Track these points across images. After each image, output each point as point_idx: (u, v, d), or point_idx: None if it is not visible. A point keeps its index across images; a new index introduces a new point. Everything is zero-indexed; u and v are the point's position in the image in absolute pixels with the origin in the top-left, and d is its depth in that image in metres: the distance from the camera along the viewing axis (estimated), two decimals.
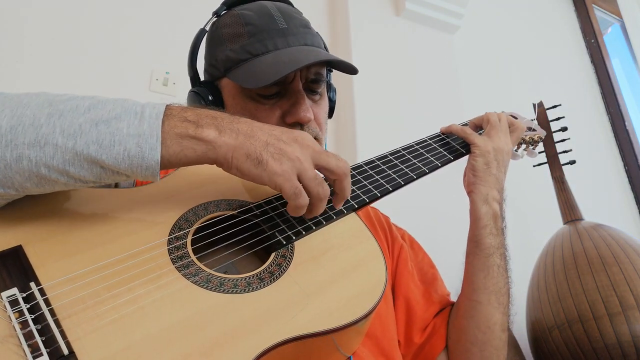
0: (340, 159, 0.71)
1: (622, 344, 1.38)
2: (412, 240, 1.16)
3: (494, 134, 1.02)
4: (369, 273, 0.73)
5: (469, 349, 0.95)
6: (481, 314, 0.95)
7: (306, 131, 0.88)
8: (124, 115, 0.61)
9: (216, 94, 0.92)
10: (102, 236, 0.66)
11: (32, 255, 0.62)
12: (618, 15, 3.15)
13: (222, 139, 0.64)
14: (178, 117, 0.64)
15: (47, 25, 1.59)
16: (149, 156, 0.61)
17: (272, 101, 0.89)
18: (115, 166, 0.60)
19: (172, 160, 0.63)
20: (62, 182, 0.61)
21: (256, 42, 0.88)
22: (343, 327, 0.65)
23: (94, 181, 0.63)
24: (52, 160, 0.59)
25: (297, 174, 0.66)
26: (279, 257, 0.72)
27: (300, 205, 0.67)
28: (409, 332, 1.00)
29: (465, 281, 1.00)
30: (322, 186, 0.68)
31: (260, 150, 0.65)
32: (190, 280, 0.64)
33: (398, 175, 0.91)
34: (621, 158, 2.75)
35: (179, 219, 0.72)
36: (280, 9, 0.93)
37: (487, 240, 0.96)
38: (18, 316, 0.55)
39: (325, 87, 0.98)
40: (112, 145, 0.60)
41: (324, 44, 0.99)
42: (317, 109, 0.93)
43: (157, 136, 0.61)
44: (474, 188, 0.98)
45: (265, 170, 0.64)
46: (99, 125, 0.60)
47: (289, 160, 0.66)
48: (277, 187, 0.66)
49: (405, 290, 1.03)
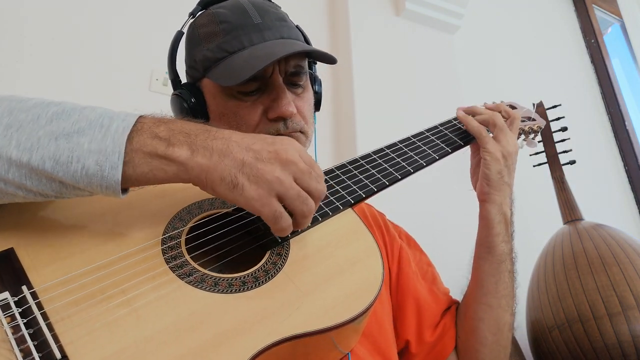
0: (320, 182, 0.67)
1: (622, 344, 1.37)
2: (409, 238, 1.16)
3: (502, 138, 1.00)
4: (366, 270, 0.73)
5: (479, 349, 0.97)
6: (492, 317, 0.97)
7: (290, 125, 0.87)
8: (88, 129, 0.58)
9: (198, 95, 0.91)
10: (94, 238, 0.66)
11: (24, 258, 0.61)
12: (618, 15, 3.14)
13: (194, 160, 0.60)
14: (148, 133, 0.60)
15: (47, 25, 1.59)
16: (108, 175, 0.58)
17: (253, 97, 0.88)
18: (73, 183, 0.58)
19: (141, 179, 0.60)
20: (21, 195, 0.59)
21: (232, 39, 0.87)
22: (339, 325, 0.64)
23: (55, 196, 0.60)
24: (7, 174, 0.57)
25: (277, 195, 0.62)
26: (274, 255, 0.71)
27: (282, 228, 0.63)
28: (420, 331, 1.00)
29: (475, 284, 1.00)
30: (305, 204, 0.64)
31: (235, 173, 0.61)
32: (184, 281, 0.64)
33: (395, 169, 0.89)
34: (621, 158, 2.75)
35: (173, 218, 0.72)
36: (255, 4, 0.91)
37: (499, 247, 0.98)
38: (10, 320, 0.54)
39: (309, 80, 0.96)
40: (69, 162, 0.57)
41: (304, 36, 0.97)
42: (300, 102, 0.91)
43: (119, 153, 0.58)
44: (488, 197, 0.98)
45: (241, 195, 0.61)
46: (59, 139, 0.57)
47: (266, 182, 0.61)
48: (255, 212, 0.63)
49: (414, 291, 1.03)
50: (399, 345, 0.99)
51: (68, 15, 1.64)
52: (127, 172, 0.59)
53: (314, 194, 0.66)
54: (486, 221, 0.98)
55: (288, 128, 0.87)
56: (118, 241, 0.66)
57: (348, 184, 0.84)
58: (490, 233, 0.98)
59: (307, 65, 0.94)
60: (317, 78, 1.02)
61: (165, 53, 0.98)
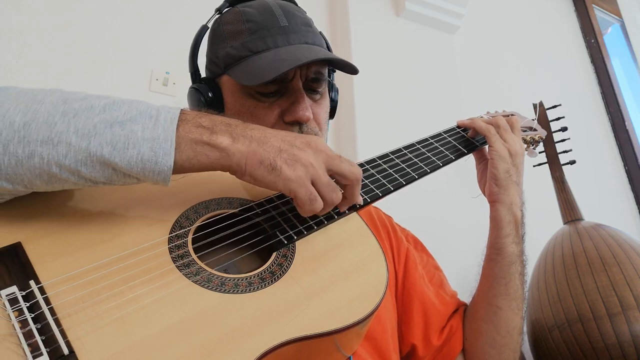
0: (353, 165, 0.71)
1: (622, 344, 1.37)
2: (416, 241, 1.16)
3: (508, 137, 1.01)
4: (370, 274, 0.73)
5: (488, 351, 0.97)
6: (501, 319, 0.96)
7: (305, 130, 0.88)
8: (139, 118, 0.61)
9: (216, 91, 0.92)
10: (101, 234, 0.66)
11: (32, 252, 0.61)
12: (618, 15, 3.15)
13: (235, 146, 0.64)
14: (193, 123, 0.63)
15: (46, 25, 1.59)
16: (162, 161, 0.60)
17: (271, 99, 0.88)
18: (127, 169, 0.60)
19: (185, 165, 0.63)
20: (72, 181, 0.61)
21: (256, 39, 0.87)
22: (344, 328, 0.65)
23: (104, 182, 0.62)
24: (65, 160, 0.58)
25: (311, 180, 0.66)
26: (280, 257, 0.72)
27: (315, 210, 0.67)
28: (427, 334, 1.00)
29: (485, 286, 1.00)
30: (335, 192, 0.69)
31: (274, 157, 0.65)
32: (191, 280, 0.64)
33: (400, 174, 0.90)
34: (621, 158, 2.75)
35: (180, 217, 0.72)
36: (282, 7, 0.92)
37: (509, 249, 0.97)
38: (17, 315, 0.54)
39: (327, 87, 0.97)
40: (126, 147, 0.59)
41: (327, 43, 0.98)
42: (317, 108, 0.92)
43: (171, 141, 0.60)
44: (498, 198, 0.98)
45: (279, 176, 0.64)
46: (114, 126, 0.59)
47: (302, 166, 0.66)
48: (291, 192, 0.66)
49: (421, 294, 1.03)
50: (405, 349, 1.00)
51: (68, 15, 1.64)
52: (175, 157, 0.61)
53: (348, 176, 0.70)
54: (496, 222, 0.98)
55: (303, 133, 0.87)
56: (125, 238, 0.66)
57: None
58: (499, 234, 0.98)
59: (327, 73, 0.95)
60: (335, 86, 1.03)
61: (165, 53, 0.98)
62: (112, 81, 1.62)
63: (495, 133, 1.01)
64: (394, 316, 0.99)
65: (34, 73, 1.52)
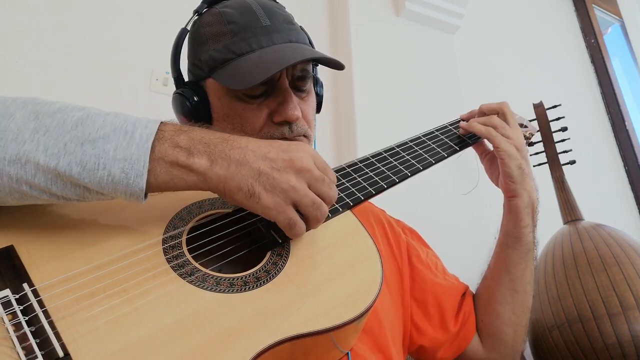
0: (332, 189, 0.70)
1: (622, 344, 1.37)
2: (412, 232, 1.18)
3: (509, 133, 1.02)
4: (365, 271, 0.73)
5: (504, 330, 1.04)
6: (518, 301, 1.04)
7: (295, 129, 0.87)
8: (113, 135, 0.59)
9: (201, 95, 0.91)
10: (95, 236, 0.66)
11: (24, 255, 0.61)
12: (618, 15, 3.14)
13: (213, 170, 0.63)
14: (170, 142, 0.62)
15: (46, 25, 1.59)
16: (133, 183, 0.59)
17: (259, 100, 0.88)
18: (98, 189, 0.59)
19: (161, 187, 0.62)
20: (44, 198, 0.60)
21: (239, 41, 0.86)
22: (340, 326, 0.65)
23: (77, 199, 0.61)
24: (34, 179, 0.58)
25: (292, 203, 0.65)
26: (274, 256, 0.72)
27: (297, 234, 0.67)
28: (444, 324, 1.05)
29: (501, 270, 1.05)
30: (319, 210, 0.68)
31: (252, 182, 0.63)
32: (185, 280, 0.64)
33: (392, 172, 0.90)
34: (621, 158, 2.75)
35: (173, 217, 0.72)
36: (263, 5, 0.91)
37: (528, 237, 1.02)
38: (11, 318, 0.54)
39: (312, 83, 0.97)
40: (96, 168, 0.58)
41: (309, 38, 0.98)
42: (304, 105, 0.92)
43: (144, 162, 0.59)
44: (516, 193, 1.00)
45: (257, 203, 0.64)
46: (85, 145, 0.58)
47: (282, 191, 0.64)
48: (271, 219, 0.66)
49: (431, 285, 1.06)
50: (422, 340, 1.03)
51: (68, 15, 1.64)
52: (149, 180, 0.60)
53: (326, 199, 0.69)
54: (515, 214, 1.01)
55: (293, 132, 0.88)
56: (119, 239, 0.66)
57: (347, 187, 0.85)
58: (518, 224, 1.01)
59: (312, 69, 0.95)
60: (319, 80, 1.03)
61: (165, 53, 0.98)
62: (112, 81, 1.62)
63: (497, 134, 1.01)
64: (391, 311, 0.99)
65: (34, 73, 1.52)
